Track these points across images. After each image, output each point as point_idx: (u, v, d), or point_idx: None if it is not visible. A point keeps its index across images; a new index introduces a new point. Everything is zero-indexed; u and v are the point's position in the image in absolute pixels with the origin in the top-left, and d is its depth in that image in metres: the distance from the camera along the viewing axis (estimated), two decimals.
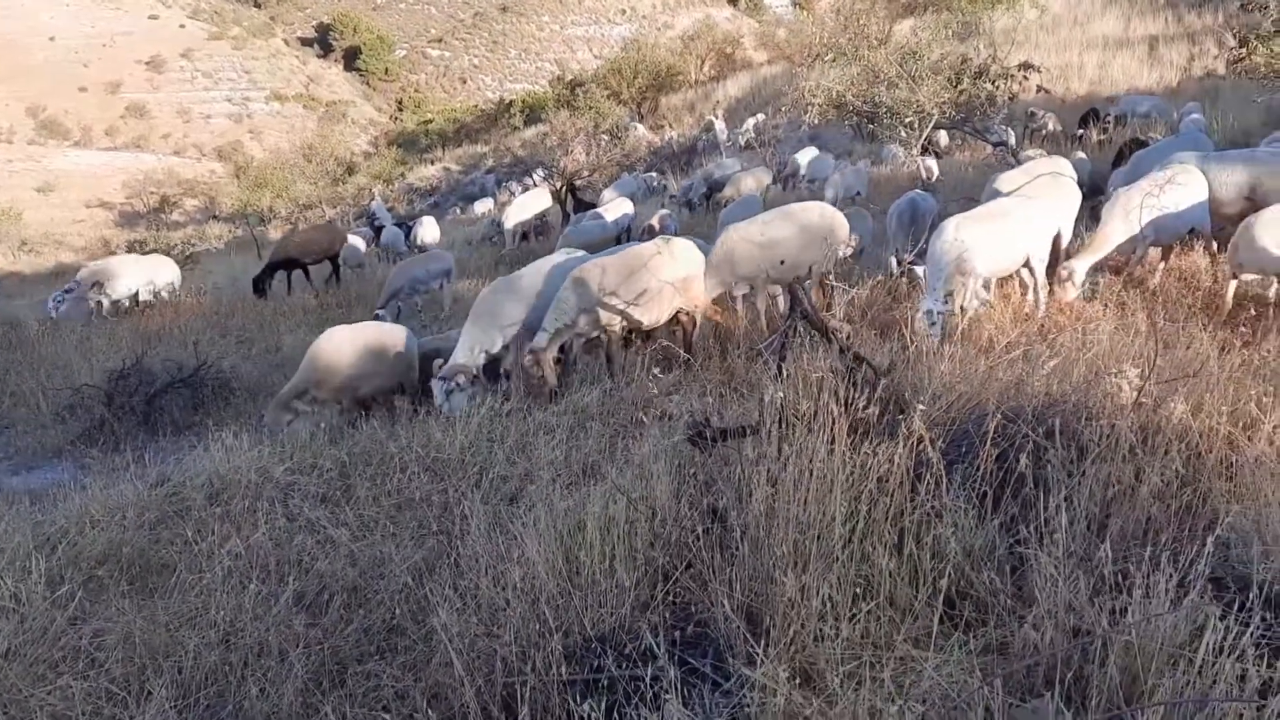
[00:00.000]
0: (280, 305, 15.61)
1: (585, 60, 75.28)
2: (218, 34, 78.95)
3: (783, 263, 8.29)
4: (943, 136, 19.50)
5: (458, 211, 31.79)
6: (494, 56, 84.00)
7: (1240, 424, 4.15)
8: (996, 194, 9.28)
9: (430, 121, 59.88)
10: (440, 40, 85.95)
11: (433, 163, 45.01)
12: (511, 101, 52.85)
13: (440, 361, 7.96)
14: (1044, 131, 19.05)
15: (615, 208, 17.14)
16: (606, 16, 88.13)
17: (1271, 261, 6.92)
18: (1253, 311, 6.57)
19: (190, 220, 46.30)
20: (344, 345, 8.39)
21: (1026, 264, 7.79)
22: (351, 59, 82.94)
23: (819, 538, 3.68)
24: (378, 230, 22.70)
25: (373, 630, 4.18)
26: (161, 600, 4.61)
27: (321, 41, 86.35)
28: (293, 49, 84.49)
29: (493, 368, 8.41)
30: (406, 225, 22.04)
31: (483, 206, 27.79)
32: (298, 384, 8.28)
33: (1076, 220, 9.30)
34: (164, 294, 16.73)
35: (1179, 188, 8.22)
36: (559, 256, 9.14)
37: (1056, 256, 8.11)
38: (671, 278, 7.81)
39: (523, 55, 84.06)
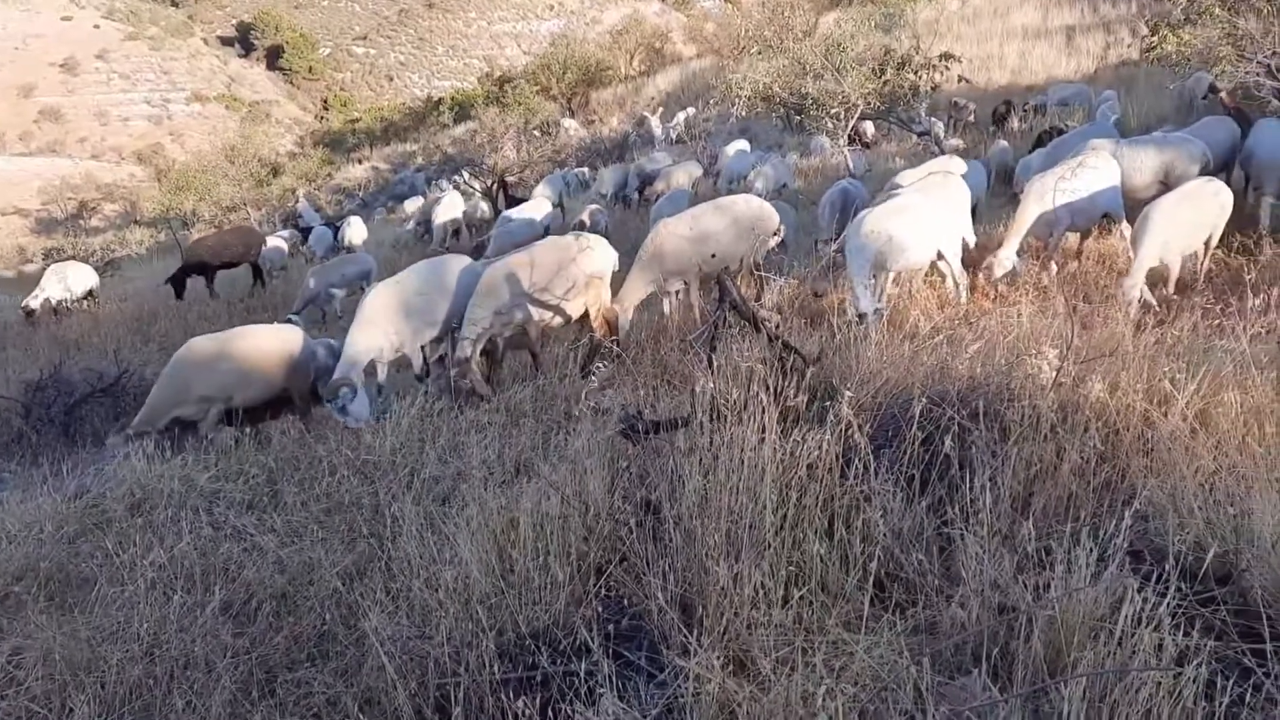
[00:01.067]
0: (204, 309, 15.29)
1: (514, 56, 74.85)
2: (134, 34, 76.81)
3: (714, 256, 8.33)
4: (869, 127, 19.76)
5: (386, 211, 31.41)
6: (421, 54, 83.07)
7: (1155, 400, 4.26)
8: (897, 188, 9.44)
9: (357, 120, 59.03)
10: (365, 38, 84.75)
11: (360, 162, 44.34)
12: (440, 99, 52.28)
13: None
14: (966, 121, 19.43)
15: (536, 207, 17.12)
16: (534, 12, 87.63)
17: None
18: (1164, 290, 6.77)
19: (110, 225, 45.07)
20: (208, 354, 7.94)
21: (941, 256, 7.94)
22: (274, 58, 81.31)
23: (751, 526, 3.70)
24: (305, 231, 22.34)
25: (302, 637, 4.10)
26: (82, 615, 4.47)
27: (243, 41, 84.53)
28: (213, 49, 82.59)
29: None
30: (334, 226, 21.72)
31: (412, 205, 27.44)
32: (158, 401, 7.72)
33: (999, 207, 9.49)
34: (82, 301, 16.28)
35: (1091, 172, 8.44)
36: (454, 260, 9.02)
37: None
38: (592, 272, 7.86)
39: (450, 52, 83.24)
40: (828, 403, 4.28)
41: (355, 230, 19.80)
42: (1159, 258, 7.36)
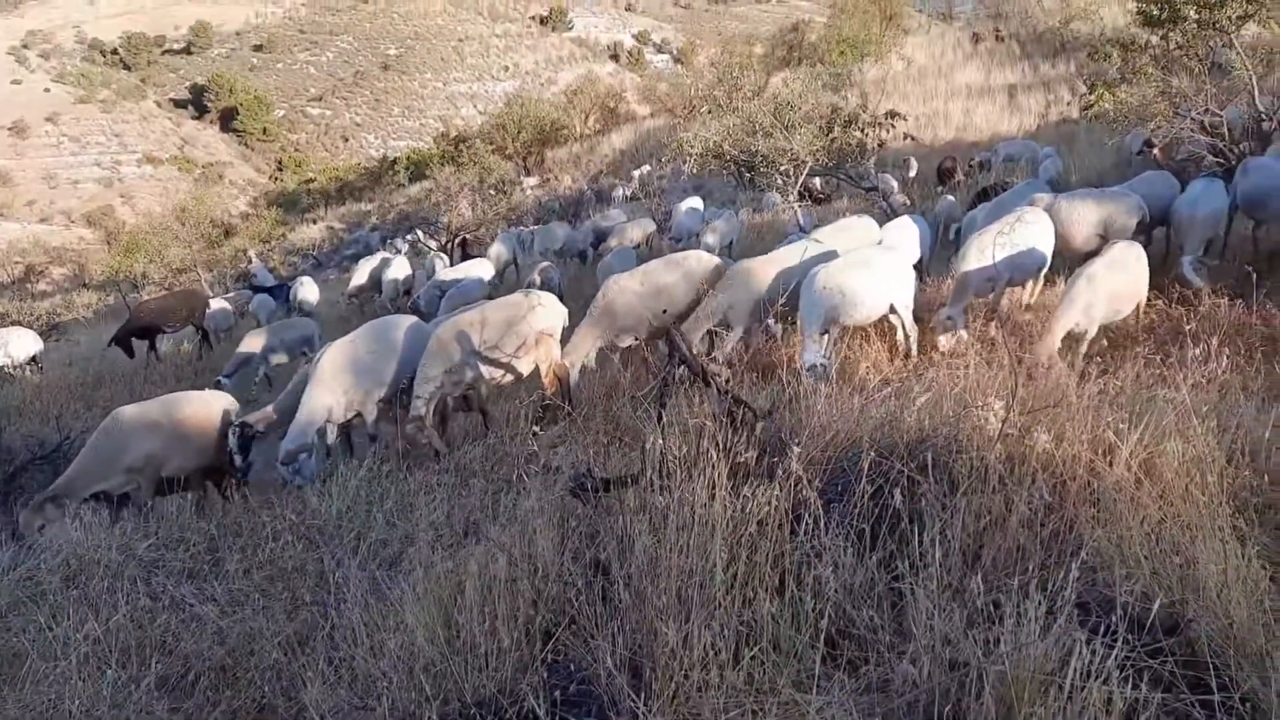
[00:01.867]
0: (151, 373, 15.02)
1: (470, 116, 75.50)
2: (85, 97, 76.59)
3: (665, 311, 8.35)
4: (819, 183, 20.08)
5: (341, 271, 31.23)
6: (377, 114, 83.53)
7: (1099, 451, 4.29)
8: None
9: (312, 181, 59.05)
10: (320, 99, 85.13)
11: (315, 222, 44.22)
12: (396, 158, 52.55)
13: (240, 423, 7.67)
14: (909, 177, 19.85)
15: (478, 266, 17.08)
16: (490, 73, 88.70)
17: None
18: (1104, 343, 6.87)
19: (58, 289, 44.36)
20: (134, 423, 7.80)
21: (893, 309, 8.02)
22: (228, 120, 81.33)
23: (701, 585, 3.66)
24: (261, 291, 22.11)
25: (241, 711, 3.96)
26: (12, 692, 4.30)
27: (196, 103, 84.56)
28: (166, 111, 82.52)
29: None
30: (286, 286, 21.53)
31: (367, 265, 27.31)
32: (80, 472, 7.47)
33: (947, 260, 9.65)
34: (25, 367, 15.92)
35: (1028, 227, 8.64)
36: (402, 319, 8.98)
37: None
38: (542, 329, 7.89)
39: (406, 112, 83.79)
40: (777, 458, 4.27)
41: (307, 290, 19.51)
42: (1078, 322, 7.44)
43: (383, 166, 51.80)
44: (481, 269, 16.96)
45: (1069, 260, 8.93)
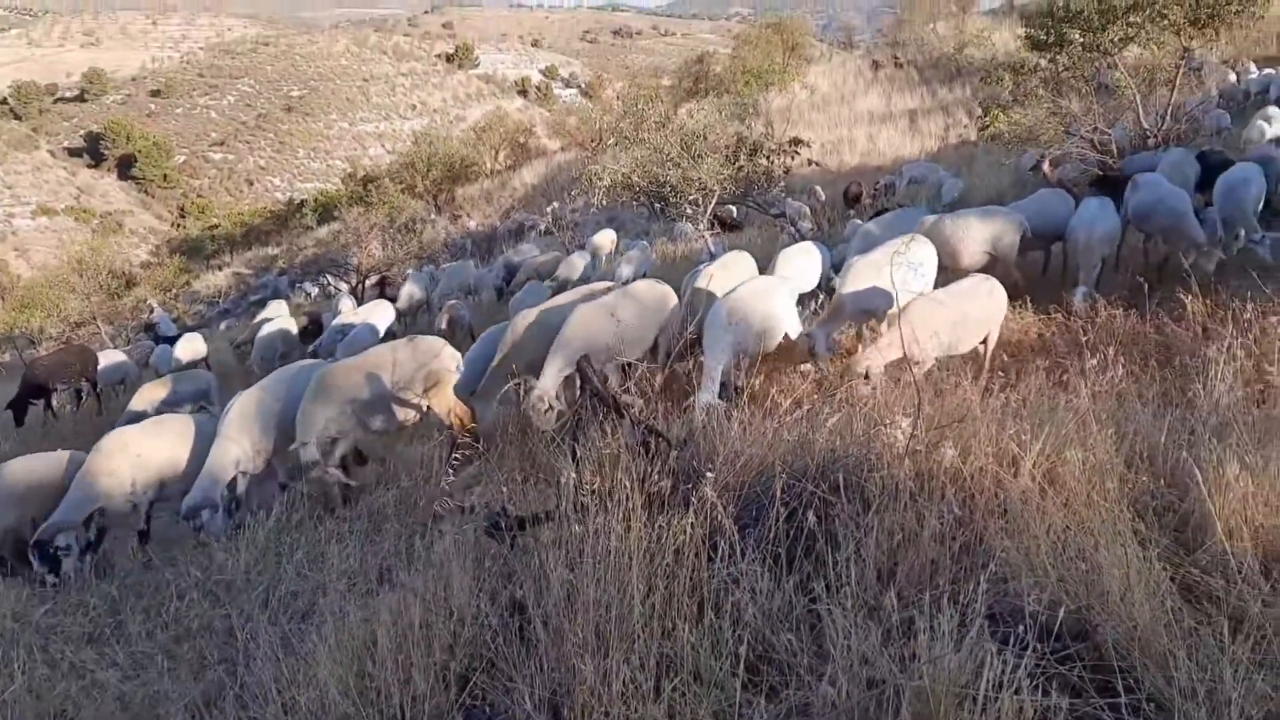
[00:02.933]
0: (49, 430, 14.43)
1: (378, 156, 74.92)
2: None
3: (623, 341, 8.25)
4: (734, 211, 20.36)
5: (250, 318, 30.51)
6: (281, 157, 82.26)
7: (1004, 462, 4.38)
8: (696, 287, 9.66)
9: (216, 226, 57.83)
10: (223, 143, 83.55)
11: (221, 269, 43.22)
12: (303, 201, 51.84)
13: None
14: (814, 205, 20.25)
15: (376, 310, 16.74)
16: (397, 112, 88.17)
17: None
18: (1004, 358, 7.06)
19: None
20: None
21: (786, 336, 8.16)
22: (126, 167, 79.14)
23: (619, 618, 3.62)
24: (167, 341, 21.40)
25: None
26: None
27: (92, 151, 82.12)
28: (60, 160, 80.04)
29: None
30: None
31: (276, 309, 26.79)
32: None
33: None
34: None
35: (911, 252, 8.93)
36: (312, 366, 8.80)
37: None
38: (433, 371, 7.83)
39: (312, 154, 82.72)
40: (692, 486, 4.26)
41: (184, 348, 18.31)
42: (913, 350, 7.55)
43: (289, 209, 50.99)
44: (380, 312, 16.66)
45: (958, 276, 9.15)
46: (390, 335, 15.98)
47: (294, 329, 17.38)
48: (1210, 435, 4.63)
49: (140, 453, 7.66)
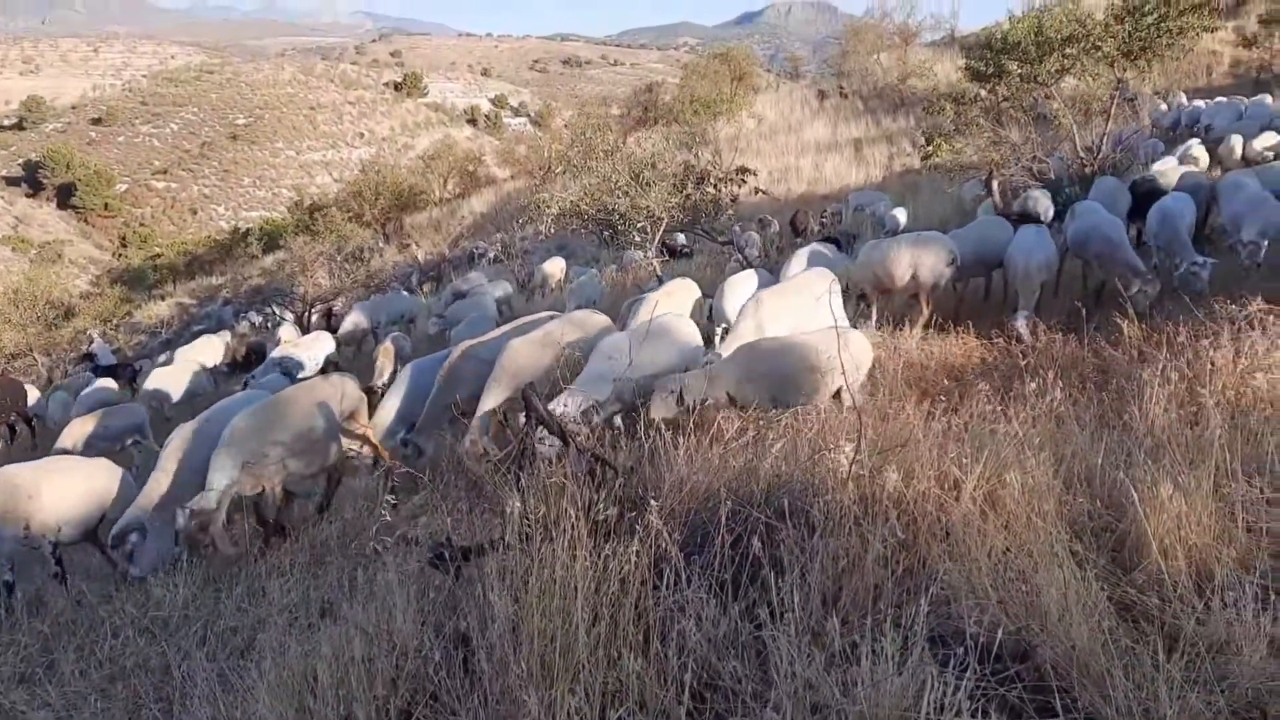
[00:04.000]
0: None
1: (325, 184, 74.33)
2: None
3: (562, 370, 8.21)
4: (682, 238, 20.48)
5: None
6: (226, 185, 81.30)
7: (946, 486, 4.43)
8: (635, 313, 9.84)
9: (159, 256, 56.81)
10: (166, 172, 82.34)
11: (163, 299, 42.48)
12: (248, 230, 51.21)
13: None
14: (772, 233, 20.44)
15: (314, 343, 16.41)
16: (345, 140, 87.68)
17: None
18: (945, 383, 7.15)
19: None
20: None
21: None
22: (66, 196, 77.58)
23: (565, 649, 3.59)
24: (106, 370, 20.92)
25: None
26: None
27: (30, 180, 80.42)
28: None
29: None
30: (132, 368, 20.50)
31: (222, 340, 26.41)
32: None
33: None
34: None
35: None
36: (256, 396, 8.69)
37: None
38: (344, 410, 7.64)
39: (258, 182, 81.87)
40: (637, 513, 4.26)
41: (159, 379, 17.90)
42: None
43: (234, 238, 50.34)
44: (319, 344, 16.33)
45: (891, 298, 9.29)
46: (333, 366, 15.77)
47: (185, 377, 16.39)
48: (1145, 457, 4.72)
49: (33, 493, 7.26)
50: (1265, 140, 16.37)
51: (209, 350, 19.30)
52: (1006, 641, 3.33)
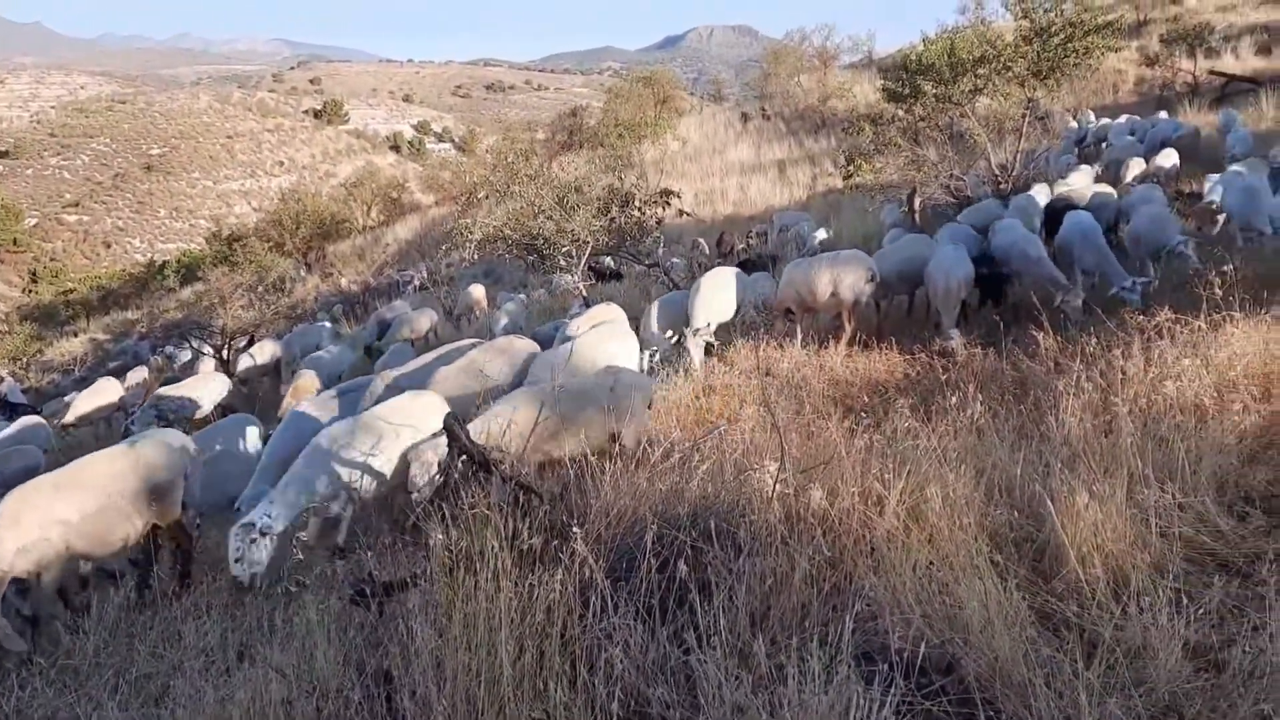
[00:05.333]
0: None
1: (244, 214, 72.89)
2: None
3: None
4: (610, 261, 20.50)
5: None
6: (141, 217, 79.25)
7: (870, 502, 4.46)
8: (566, 336, 9.87)
9: (71, 291, 55.00)
10: (78, 204, 79.94)
11: (76, 335, 41.17)
12: (165, 262, 49.97)
13: None
14: (700, 253, 20.57)
15: (201, 384, 15.53)
16: (264, 169, 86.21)
17: None
18: (866, 399, 7.23)
19: None
20: None
21: None
22: None
23: (490, 682, 3.51)
24: (14, 408, 20.15)
25: None
26: None
27: None
28: None
29: None
30: (32, 408, 19.78)
31: (136, 376, 25.65)
32: None
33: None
34: None
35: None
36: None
37: None
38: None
39: (174, 213, 79.98)
40: (563, 541, 4.20)
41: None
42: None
43: (150, 271, 48.95)
44: (209, 385, 15.51)
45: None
46: (227, 410, 14.76)
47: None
48: (1062, 466, 4.81)
49: None
50: (1164, 158, 16.98)
51: (105, 393, 18.38)
52: (931, 655, 3.35)
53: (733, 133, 39.09)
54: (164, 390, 15.19)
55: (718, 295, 11.17)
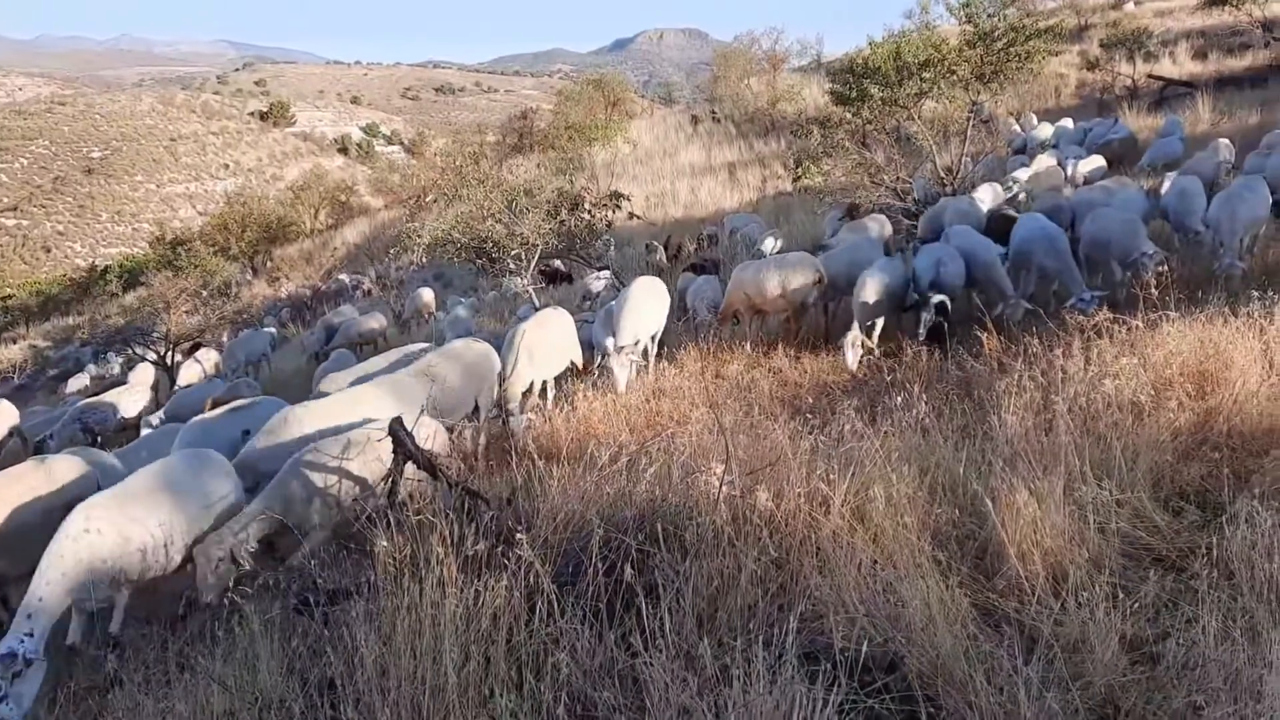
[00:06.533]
0: None
1: (189, 218, 71.70)
2: None
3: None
4: (561, 264, 20.46)
5: (48, 393, 28.41)
6: (83, 221, 77.56)
7: (815, 503, 4.49)
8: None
9: (9, 297, 53.62)
10: (15, 209, 78.01)
11: (15, 342, 40.22)
12: (107, 267, 49.00)
13: None
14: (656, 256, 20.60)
15: (124, 395, 15.06)
16: (209, 172, 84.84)
17: None
18: (813, 401, 7.29)
19: None
20: None
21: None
22: None
23: (435, 690, 3.49)
24: None
25: None
26: None
27: None
28: None
29: None
30: None
31: (78, 383, 25.10)
32: None
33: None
34: None
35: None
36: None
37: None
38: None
39: (116, 217, 78.39)
40: (508, 546, 4.18)
41: None
42: None
43: (92, 276, 47.97)
44: (130, 395, 15.11)
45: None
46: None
47: None
48: (1004, 465, 4.89)
49: None
50: (1091, 163, 17.32)
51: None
52: (874, 653, 3.38)
53: (683, 135, 39.16)
54: (90, 400, 14.77)
55: (647, 307, 10.18)
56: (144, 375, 18.01)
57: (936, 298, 9.11)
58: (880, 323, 10.02)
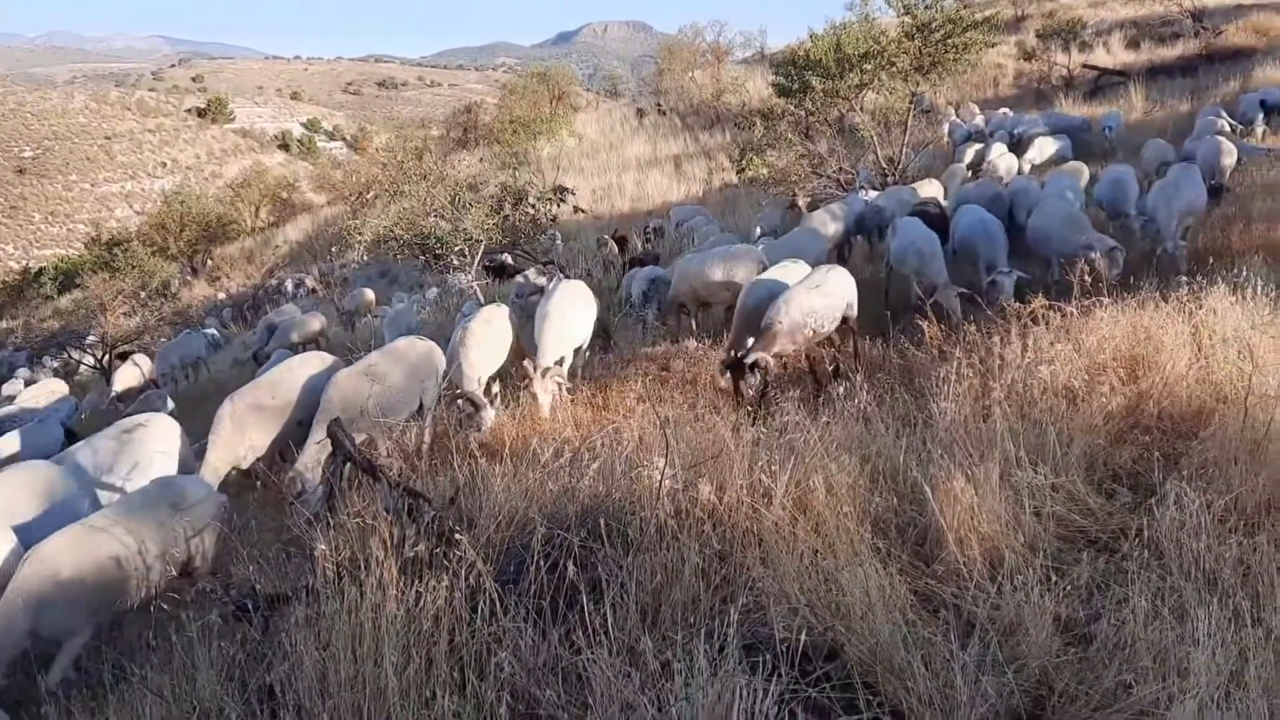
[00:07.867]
0: None
1: (126, 217, 70.19)
2: None
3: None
4: (508, 259, 20.34)
5: None
6: (14, 223, 75.53)
7: (757, 494, 4.51)
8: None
9: None
10: None
11: None
12: (41, 269, 47.83)
13: None
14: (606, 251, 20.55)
15: (40, 398, 14.41)
16: (145, 170, 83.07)
17: None
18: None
19: None
20: None
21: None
22: None
23: (375, 694, 3.45)
24: None
25: None
26: None
27: None
28: None
29: None
30: None
31: (12, 388, 24.46)
32: None
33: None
34: None
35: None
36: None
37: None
38: None
39: (50, 218, 76.46)
40: (449, 546, 4.15)
41: None
42: None
43: (25, 279, 46.77)
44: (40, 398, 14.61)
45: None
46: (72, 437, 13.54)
47: None
48: (942, 452, 4.95)
49: None
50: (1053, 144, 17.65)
51: None
52: (815, 643, 3.40)
53: (629, 128, 39.17)
54: (21, 402, 14.34)
55: (570, 320, 9.30)
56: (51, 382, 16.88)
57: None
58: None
